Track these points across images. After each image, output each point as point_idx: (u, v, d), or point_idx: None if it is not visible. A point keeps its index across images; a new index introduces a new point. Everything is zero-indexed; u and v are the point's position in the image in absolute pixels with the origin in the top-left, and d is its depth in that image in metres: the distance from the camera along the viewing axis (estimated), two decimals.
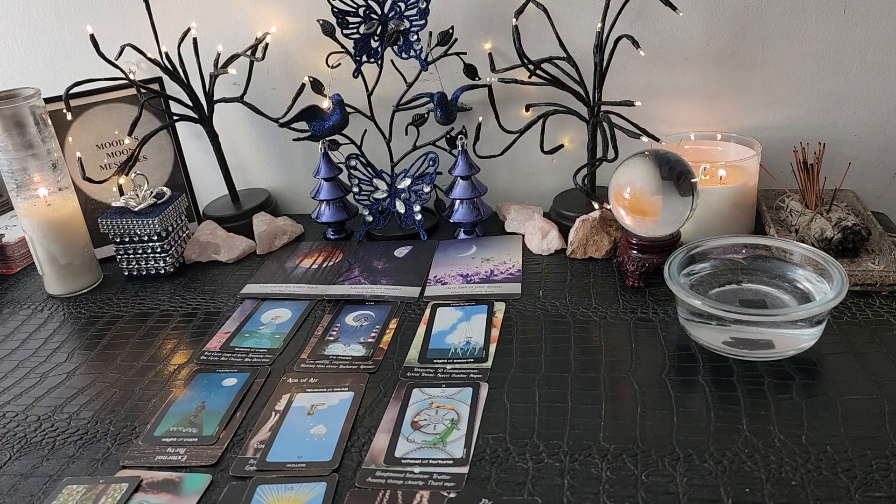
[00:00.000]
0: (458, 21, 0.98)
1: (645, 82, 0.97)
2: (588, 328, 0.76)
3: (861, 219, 0.82)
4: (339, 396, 0.69)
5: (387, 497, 0.57)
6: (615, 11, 0.88)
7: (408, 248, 0.98)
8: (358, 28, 0.93)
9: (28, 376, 0.78)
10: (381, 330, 0.80)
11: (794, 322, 0.66)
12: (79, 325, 0.87)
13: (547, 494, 0.55)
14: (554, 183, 1.06)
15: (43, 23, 1.09)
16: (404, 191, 0.99)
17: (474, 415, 0.65)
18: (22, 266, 1.04)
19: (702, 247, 0.76)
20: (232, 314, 0.86)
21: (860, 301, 0.75)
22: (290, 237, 1.04)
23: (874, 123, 0.95)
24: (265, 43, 1.00)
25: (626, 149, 0.86)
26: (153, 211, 0.95)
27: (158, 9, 1.02)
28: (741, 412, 0.62)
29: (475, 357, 0.73)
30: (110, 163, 1.04)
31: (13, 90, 0.89)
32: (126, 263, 0.97)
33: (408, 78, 0.98)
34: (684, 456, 0.58)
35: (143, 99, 0.99)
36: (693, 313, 0.70)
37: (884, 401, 0.61)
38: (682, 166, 0.77)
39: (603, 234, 0.90)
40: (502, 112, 0.96)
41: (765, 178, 0.92)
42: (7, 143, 0.88)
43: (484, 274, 0.89)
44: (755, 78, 0.95)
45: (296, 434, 0.65)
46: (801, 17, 0.91)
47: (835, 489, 0.53)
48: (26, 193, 0.91)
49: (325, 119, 0.94)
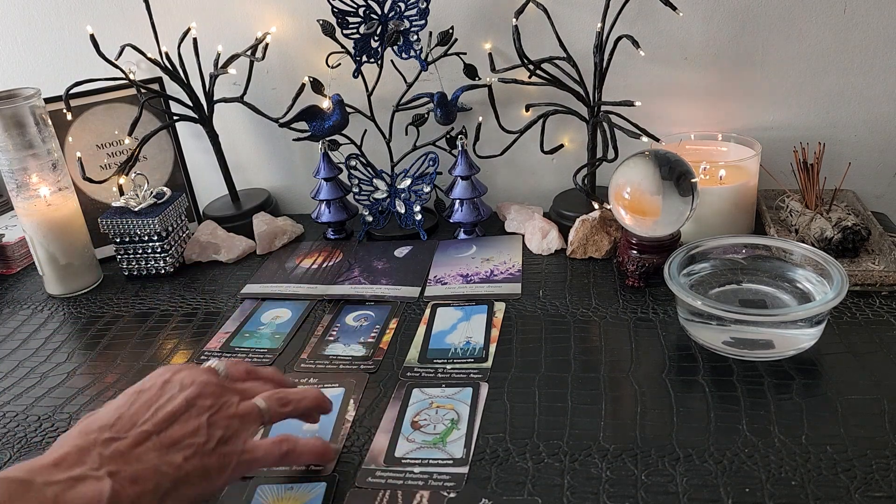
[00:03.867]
0: (458, 21, 0.98)
1: (645, 82, 0.97)
2: (588, 328, 0.76)
3: (861, 219, 0.82)
4: (331, 393, 0.69)
5: (387, 497, 0.57)
6: (615, 11, 0.88)
7: (408, 248, 0.98)
8: (358, 28, 0.93)
9: (28, 376, 0.78)
10: (381, 330, 0.80)
11: (794, 322, 0.66)
12: (79, 325, 0.87)
13: (547, 494, 0.55)
14: (554, 183, 1.06)
15: (43, 23, 1.09)
16: (404, 191, 0.99)
17: (474, 415, 0.65)
18: (22, 266, 1.04)
19: (702, 247, 0.76)
20: (232, 314, 0.86)
21: (860, 301, 0.75)
22: (290, 237, 1.04)
23: (874, 123, 0.95)
24: (265, 43, 1.00)
25: (626, 149, 0.86)
26: (153, 211, 0.95)
27: (158, 9, 1.02)
28: (741, 412, 0.62)
29: (475, 357, 0.73)
30: (110, 163, 1.04)
31: (13, 90, 0.89)
32: (126, 263, 0.97)
33: (408, 78, 0.98)
34: (684, 456, 0.58)
35: (143, 99, 0.99)
36: (693, 313, 0.70)
37: (884, 401, 0.61)
38: (683, 166, 0.77)
39: (603, 234, 0.90)
40: (502, 112, 0.96)
41: (765, 178, 0.92)
42: (7, 143, 0.88)
43: (484, 274, 0.89)
44: (755, 78, 0.95)
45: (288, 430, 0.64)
46: (801, 17, 0.91)
47: (835, 489, 0.53)
48: (26, 193, 0.91)
49: (325, 119, 0.94)
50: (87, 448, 0.46)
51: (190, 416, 0.50)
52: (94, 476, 0.44)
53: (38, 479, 0.42)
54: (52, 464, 0.44)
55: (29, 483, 0.42)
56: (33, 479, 0.42)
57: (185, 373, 0.54)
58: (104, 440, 0.47)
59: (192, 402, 0.51)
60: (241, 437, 0.52)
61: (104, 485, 0.43)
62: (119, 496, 0.44)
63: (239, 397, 0.55)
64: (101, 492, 0.43)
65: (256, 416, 0.55)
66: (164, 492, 0.47)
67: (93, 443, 0.46)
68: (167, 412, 0.50)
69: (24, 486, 0.41)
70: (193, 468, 0.48)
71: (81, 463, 0.45)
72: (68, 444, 0.46)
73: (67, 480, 0.43)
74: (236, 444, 0.52)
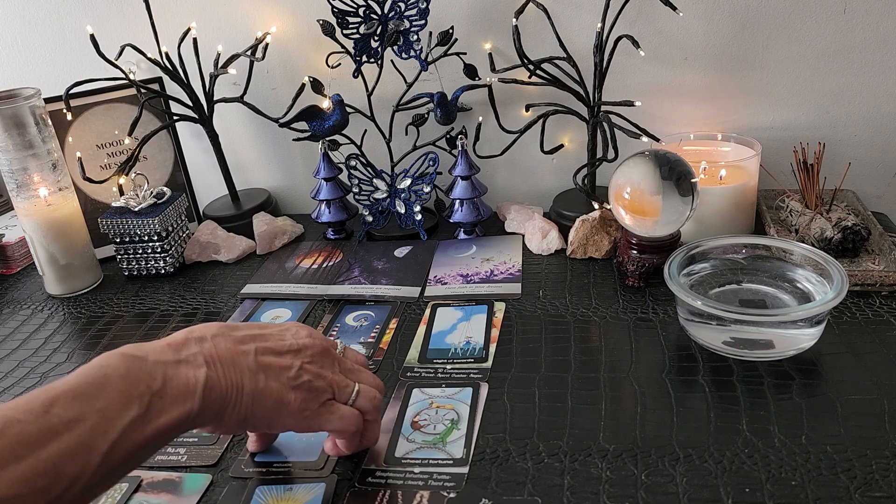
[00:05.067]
0: (458, 21, 0.98)
1: (645, 82, 0.97)
2: (588, 328, 0.76)
3: (861, 219, 0.82)
4: None
5: (387, 497, 0.57)
6: (615, 11, 0.88)
7: (408, 248, 0.98)
8: (358, 28, 0.93)
9: (28, 376, 0.78)
10: (381, 330, 0.80)
11: (794, 322, 0.66)
12: (79, 325, 0.87)
13: (547, 494, 0.55)
14: (554, 183, 1.06)
15: (43, 23, 1.09)
16: (404, 191, 0.99)
17: (474, 415, 0.65)
18: (22, 266, 1.04)
19: (702, 247, 0.76)
20: (232, 314, 0.86)
21: (860, 301, 0.75)
22: (290, 237, 1.04)
23: (874, 123, 0.95)
24: (265, 43, 1.00)
25: (626, 149, 0.87)
26: (153, 211, 0.95)
27: (158, 9, 1.02)
28: (741, 412, 0.62)
29: (475, 357, 0.73)
30: (110, 163, 1.04)
31: (13, 90, 0.89)
32: (126, 263, 0.97)
33: (408, 78, 0.98)
34: (684, 456, 0.58)
35: (143, 99, 0.99)
36: (693, 313, 0.70)
37: (884, 401, 0.61)
38: (682, 166, 0.77)
39: (603, 234, 0.90)
40: (502, 112, 0.96)
41: (765, 178, 0.92)
42: (7, 143, 0.88)
43: (484, 274, 0.89)
44: (755, 78, 0.95)
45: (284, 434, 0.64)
46: (801, 17, 0.91)
47: (835, 489, 0.53)
48: (26, 193, 0.91)
49: (325, 119, 0.94)
50: (196, 339, 0.53)
51: (292, 355, 0.56)
52: (195, 362, 0.50)
53: (151, 356, 0.49)
54: (165, 345, 0.51)
55: (143, 359, 0.48)
56: (147, 356, 0.49)
57: (308, 330, 0.60)
58: (212, 336, 0.53)
59: (300, 348, 0.57)
60: (324, 395, 0.56)
61: (201, 372, 0.50)
62: (212, 386, 0.50)
63: (340, 372, 0.59)
64: (198, 378, 0.50)
65: (346, 392, 0.58)
66: (244, 398, 0.52)
67: (199, 338, 0.53)
68: (275, 345, 0.56)
69: (139, 361, 0.48)
70: (271, 391, 0.53)
71: (186, 348, 0.51)
72: (179, 335, 0.53)
73: (174, 362, 0.50)
74: (319, 396, 0.56)
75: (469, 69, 0.96)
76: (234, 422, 0.52)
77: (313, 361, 0.57)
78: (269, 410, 0.53)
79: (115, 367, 0.47)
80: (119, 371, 0.47)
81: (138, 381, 0.47)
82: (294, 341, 0.57)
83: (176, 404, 0.48)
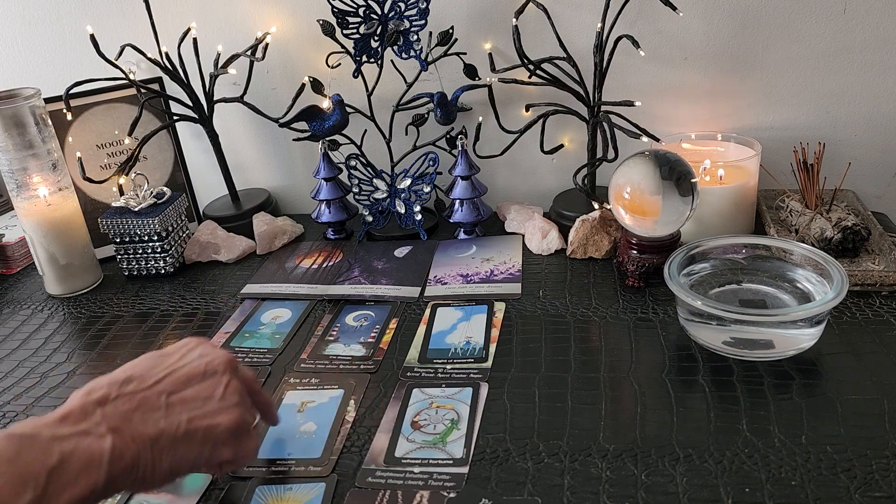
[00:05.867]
0: (458, 21, 0.98)
1: (645, 82, 0.97)
2: (588, 328, 0.76)
3: (861, 219, 0.82)
4: (330, 394, 0.69)
5: (387, 497, 0.57)
6: (615, 11, 0.88)
7: (408, 248, 0.98)
8: (358, 28, 0.93)
9: (28, 376, 0.78)
10: (381, 330, 0.80)
11: (794, 322, 0.66)
12: (79, 325, 0.87)
13: (547, 494, 0.55)
14: (554, 183, 1.06)
15: (43, 23, 1.09)
16: (404, 191, 0.99)
17: (474, 415, 0.65)
18: (22, 266, 1.04)
19: (702, 247, 0.76)
20: (232, 314, 0.86)
21: (860, 301, 0.75)
22: (290, 237, 1.04)
23: (874, 123, 0.95)
24: (265, 43, 1.00)
25: (626, 149, 0.87)
26: (153, 211, 0.95)
27: (158, 9, 1.02)
28: (741, 412, 0.62)
29: (475, 357, 0.73)
30: (110, 163, 1.04)
31: (13, 90, 0.89)
32: (126, 263, 0.97)
33: (408, 78, 0.98)
34: (684, 456, 0.58)
35: (143, 99, 0.99)
36: (693, 313, 0.70)
37: (884, 401, 0.61)
38: (682, 166, 0.77)
39: (603, 234, 0.90)
40: (502, 112, 0.96)
41: (765, 178, 0.92)
42: (7, 143, 0.88)
43: (484, 274, 0.89)
44: (755, 78, 0.95)
45: (286, 432, 0.65)
46: (801, 17, 0.91)
47: (835, 489, 0.53)
48: (26, 193, 0.91)
49: (325, 119, 0.94)
50: (95, 403, 0.48)
51: (206, 380, 0.53)
52: (97, 433, 0.46)
53: (45, 433, 0.45)
54: (59, 419, 0.47)
55: (35, 437, 0.44)
56: (39, 434, 0.45)
57: (208, 346, 0.56)
58: (113, 397, 0.49)
59: (213, 369, 0.53)
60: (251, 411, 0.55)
61: (105, 442, 0.46)
62: (121, 453, 0.46)
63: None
64: (103, 448, 0.45)
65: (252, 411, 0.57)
66: (163, 449, 0.48)
67: (98, 400, 0.48)
68: (184, 374, 0.52)
69: (30, 440, 0.44)
70: (197, 429, 0.50)
71: (86, 419, 0.47)
72: (75, 401, 0.48)
73: (72, 436, 0.45)
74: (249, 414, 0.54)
75: (469, 69, 0.96)
76: (160, 476, 0.49)
77: (230, 377, 0.54)
78: (197, 449, 0.50)
79: (2, 450, 0.43)
80: (7, 454, 0.43)
81: (31, 462, 0.43)
82: (203, 362, 0.54)
83: (79, 479, 0.44)
